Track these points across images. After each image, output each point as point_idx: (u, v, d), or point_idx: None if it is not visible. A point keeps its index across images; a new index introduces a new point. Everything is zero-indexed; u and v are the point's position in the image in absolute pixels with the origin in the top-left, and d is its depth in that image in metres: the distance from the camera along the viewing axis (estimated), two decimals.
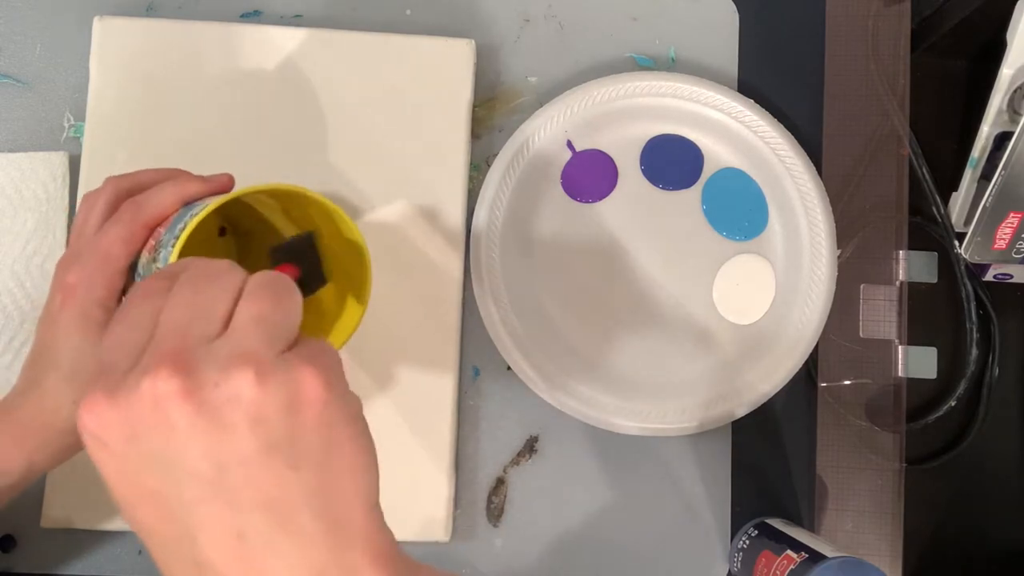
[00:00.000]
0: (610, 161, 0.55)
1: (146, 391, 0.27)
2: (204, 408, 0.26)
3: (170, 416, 0.26)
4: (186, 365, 0.27)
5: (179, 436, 0.26)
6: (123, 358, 0.28)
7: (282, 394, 0.27)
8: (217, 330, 0.28)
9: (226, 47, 0.54)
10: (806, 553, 0.46)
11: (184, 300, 0.29)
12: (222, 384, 0.27)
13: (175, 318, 0.28)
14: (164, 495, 0.27)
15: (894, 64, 0.56)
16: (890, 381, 0.55)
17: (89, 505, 0.51)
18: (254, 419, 0.27)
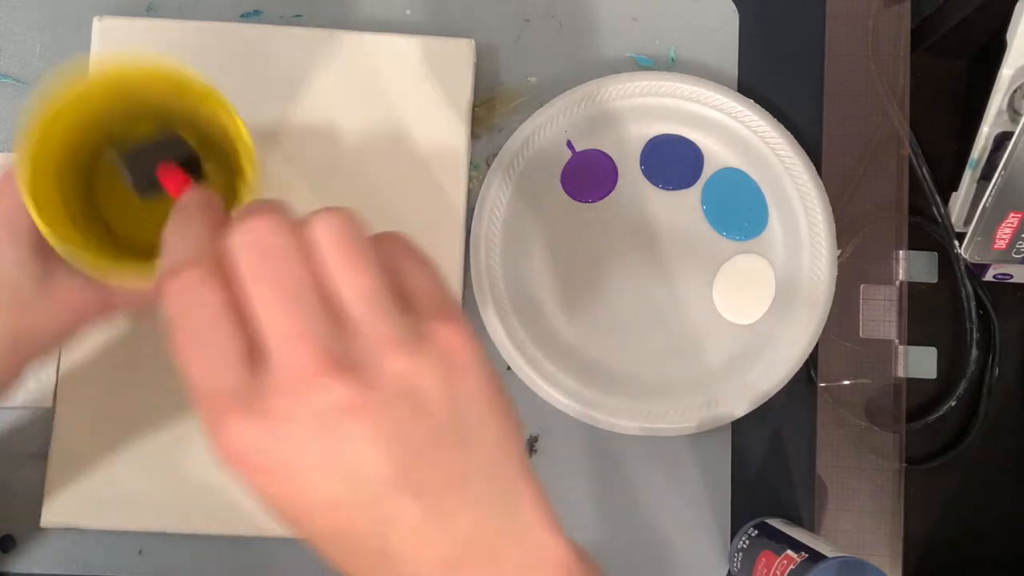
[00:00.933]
0: (610, 161, 0.55)
1: (300, 410, 0.25)
2: (369, 411, 0.25)
3: (337, 429, 0.25)
4: (333, 371, 0.25)
5: (351, 446, 0.25)
6: (229, 375, 0.26)
7: (438, 370, 0.26)
8: (333, 319, 0.26)
9: (226, 47, 0.54)
10: (806, 553, 0.46)
11: (273, 296, 0.26)
12: (378, 381, 0.26)
13: (277, 319, 0.26)
14: (344, 501, 0.26)
15: (894, 64, 0.56)
16: (890, 381, 0.55)
17: (89, 505, 0.51)
18: (420, 409, 0.26)
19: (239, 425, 0.26)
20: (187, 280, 0.27)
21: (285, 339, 0.26)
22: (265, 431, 0.26)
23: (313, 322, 0.26)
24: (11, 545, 0.52)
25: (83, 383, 0.52)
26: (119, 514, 0.51)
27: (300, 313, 0.26)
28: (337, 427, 0.25)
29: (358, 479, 0.26)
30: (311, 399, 0.25)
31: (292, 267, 0.27)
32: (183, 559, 0.52)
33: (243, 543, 0.52)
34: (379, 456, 0.26)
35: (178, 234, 0.30)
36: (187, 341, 0.27)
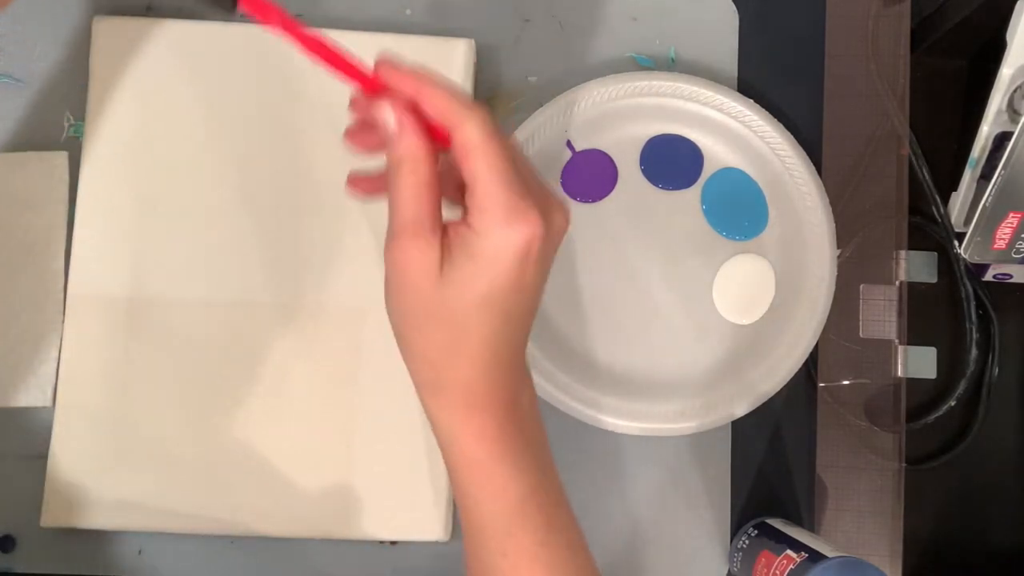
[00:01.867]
0: (610, 161, 0.55)
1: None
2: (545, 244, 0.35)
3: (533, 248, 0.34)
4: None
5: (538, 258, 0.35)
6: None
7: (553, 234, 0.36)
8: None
9: (226, 47, 0.54)
10: (806, 553, 0.46)
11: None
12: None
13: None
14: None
15: (894, 64, 0.56)
16: (890, 381, 0.55)
17: (89, 505, 0.51)
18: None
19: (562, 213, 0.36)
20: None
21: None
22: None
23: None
24: (11, 545, 0.52)
25: (83, 383, 0.52)
26: (119, 514, 0.51)
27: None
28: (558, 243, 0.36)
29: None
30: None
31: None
32: (183, 559, 0.52)
33: (243, 543, 0.52)
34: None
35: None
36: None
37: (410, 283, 0.34)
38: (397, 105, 0.34)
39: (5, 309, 0.53)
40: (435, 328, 0.35)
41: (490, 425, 0.36)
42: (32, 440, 0.52)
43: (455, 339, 0.35)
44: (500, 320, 0.34)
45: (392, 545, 0.53)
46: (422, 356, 0.36)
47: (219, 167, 0.54)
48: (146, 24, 0.54)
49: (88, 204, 0.53)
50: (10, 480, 0.52)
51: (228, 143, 0.54)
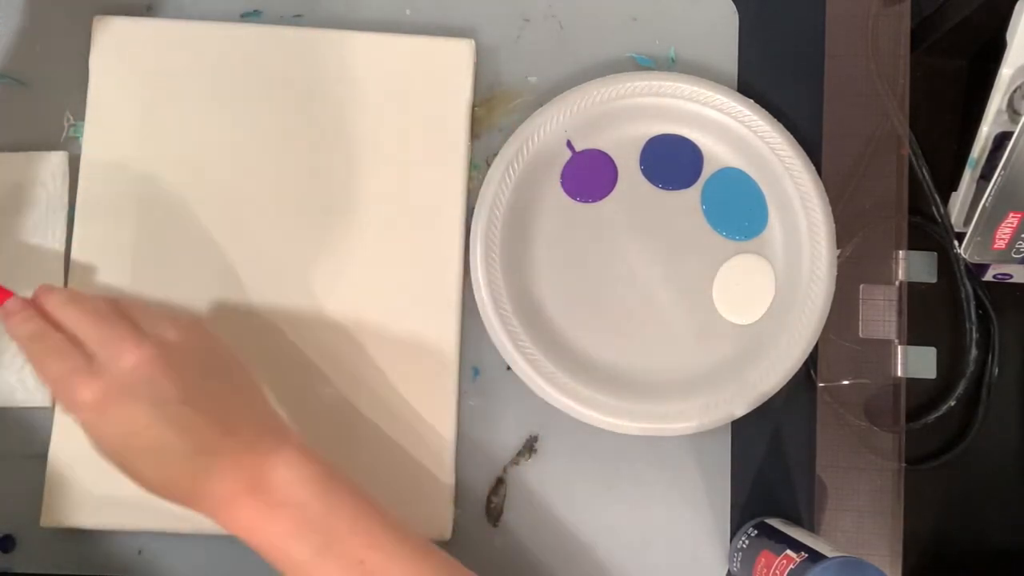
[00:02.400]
0: (610, 161, 0.55)
1: (117, 367, 0.43)
2: (158, 361, 0.44)
3: (143, 375, 0.43)
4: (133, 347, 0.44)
5: (155, 383, 0.43)
6: (72, 362, 0.44)
7: (181, 332, 0.46)
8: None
9: (226, 47, 0.54)
10: (806, 553, 0.46)
11: (81, 320, 0.46)
12: (160, 344, 0.44)
13: (89, 332, 0.45)
14: (152, 420, 0.43)
15: (894, 64, 0.56)
16: (890, 381, 0.55)
17: (89, 505, 0.51)
18: (185, 353, 0.45)
19: (86, 386, 0.42)
20: (24, 315, 0.45)
21: (98, 342, 0.43)
22: (101, 384, 0.42)
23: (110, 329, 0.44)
24: (11, 545, 0.52)
25: None
26: (119, 514, 0.51)
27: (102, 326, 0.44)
28: (143, 373, 0.42)
29: (160, 400, 0.42)
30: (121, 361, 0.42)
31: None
32: (183, 559, 0.52)
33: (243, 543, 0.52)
34: (170, 384, 0.42)
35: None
36: (41, 352, 0.44)
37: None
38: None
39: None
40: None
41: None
42: (32, 440, 0.52)
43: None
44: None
45: None
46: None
47: (219, 167, 0.54)
48: (146, 24, 0.54)
49: (88, 204, 0.53)
50: (10, 480, 0.52)
51: (228, 143, 0.54)
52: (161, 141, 0.54)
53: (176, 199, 0.53)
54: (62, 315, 0.44)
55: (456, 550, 0.53)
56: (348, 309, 0.53)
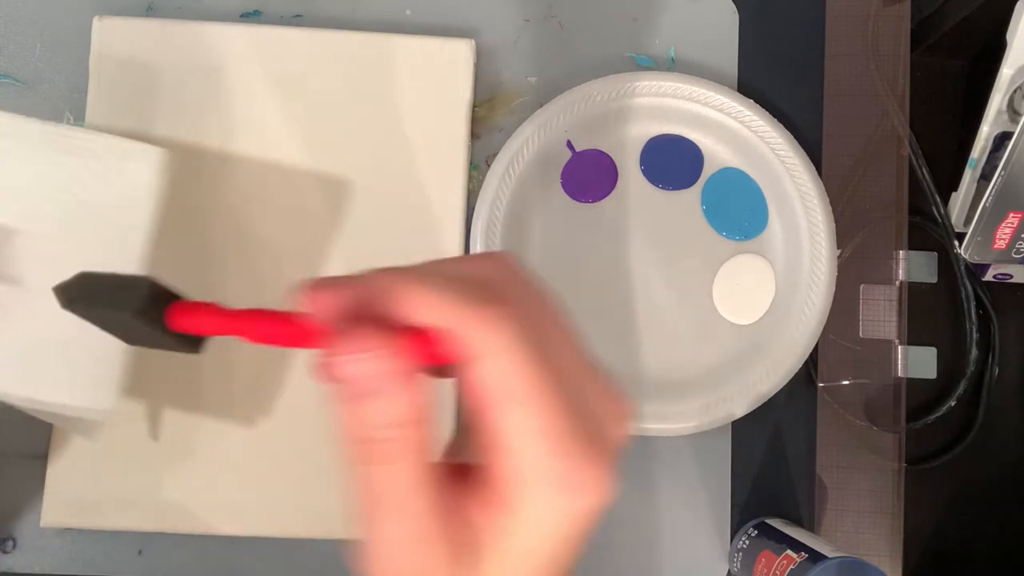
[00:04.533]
0: (610, 161, 0.55)
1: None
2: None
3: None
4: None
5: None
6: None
7: None
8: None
9: (226, 47, 0.54)
10: (806, 553, 0.46)
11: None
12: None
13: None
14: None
15: (894, 64, 0.56)
16: (890, 381, 0.55)
17: (89, 505, 0.51)
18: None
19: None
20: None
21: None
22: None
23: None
24: (11, 545, 0.52)
25: None
26: (119, 514, 0.51)
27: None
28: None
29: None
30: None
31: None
32: (183, 559, 0.52)
33: (243, 543, 0.52)
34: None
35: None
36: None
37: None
38: (362, 345, 0.22)
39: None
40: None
41: None
42: (32, 440, 0.52)
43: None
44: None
45: None
46: None
47: (218, 167, 0.54)
48: (146, 24, 0.54)
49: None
50: (10, 480, 0.52)
51: (228, 143, 0.54)
52: (160, 142, 0.53)
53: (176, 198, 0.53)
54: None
55: None
56: None
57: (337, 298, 0.23)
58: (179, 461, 0.51)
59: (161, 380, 0.52)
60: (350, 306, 0.23)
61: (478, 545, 0.22)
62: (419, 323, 0.22)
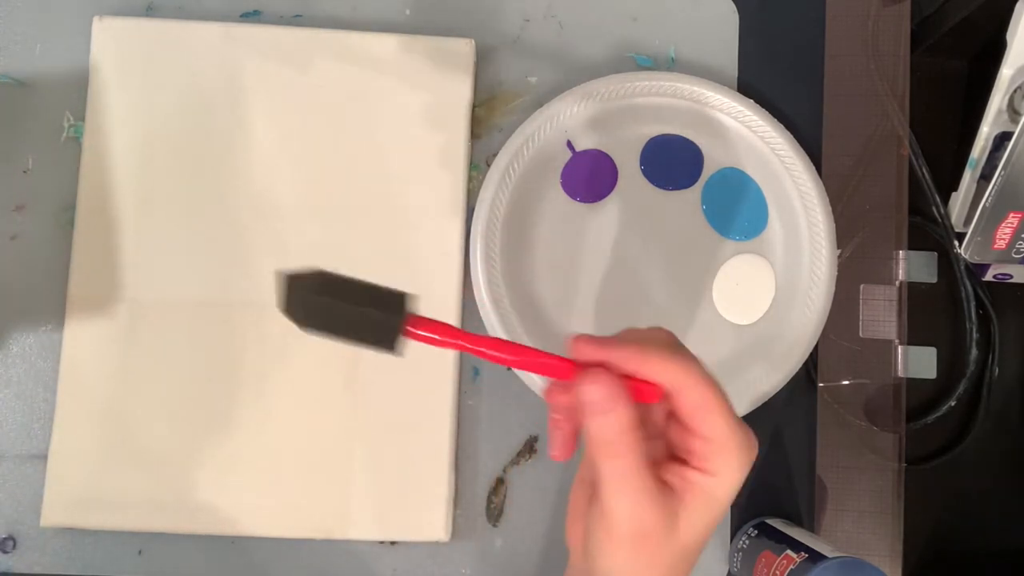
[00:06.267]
0: (610, 161, 0.55)
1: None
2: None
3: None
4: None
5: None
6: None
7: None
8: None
9: (226, 47, 0.54)
10: (806, 553, 0.46)
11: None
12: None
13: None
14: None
15: (894, 64, 0.56)
16: (890, 381, 0.55)
17: (89, 505, 0.51)
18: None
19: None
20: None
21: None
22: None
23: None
24: (11, 545, 0.52)
25: (83, 383, 0.52)
26: (119, 514, 0.51)
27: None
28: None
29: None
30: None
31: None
32: (183, 559, 0.52)
33: (243, 543, 0.52)
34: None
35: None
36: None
37: (651, 541, 0.33)
38: (609, 380, 0.33)
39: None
40: (672, 570, 0.34)
41: None
42: (32, 440, 0.52)
43: (685, 571, 0.35)
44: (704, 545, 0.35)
45: (392, 545, 0.53)
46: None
47: (218, 166, 0.54)
48: (146, 24, 0.54)
49: (88, 204, 0.53)
50: (10, 480, 0.52)
51: (227, 143, 0.54)
52: (161, 141, 0.54)
53: (176, 199, 0.53)
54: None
55: (456, 550, 0.53)
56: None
57: (597, 352, 0.34)
58: (179, 461, 0.51)
59: (161, 382, 0.52)
60: (599, 357, 0.34)
61: (676, 504, 0.33)
62: (652, 379, 0.34)
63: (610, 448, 0.32)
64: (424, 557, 0.53)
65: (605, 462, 0.33)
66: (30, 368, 0.53)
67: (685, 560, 0.34)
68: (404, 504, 0.51)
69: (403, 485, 0.52)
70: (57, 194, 0.54)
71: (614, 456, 0.32)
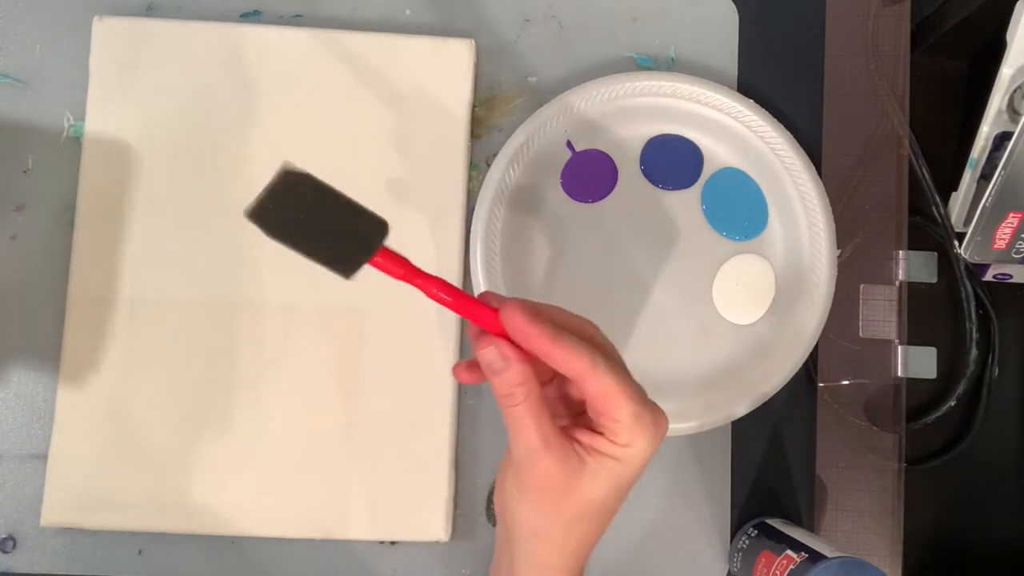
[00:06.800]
0: (610, 161, 0.55)
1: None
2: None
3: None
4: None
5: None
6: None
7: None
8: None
9: (226, 47, 0.54)
10: (806, 553, 0.46)
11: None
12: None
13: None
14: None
15: (894, 64, 0.56)
16: (890, 381, 0.55)
17: (89, 505, 0.51)
18: None
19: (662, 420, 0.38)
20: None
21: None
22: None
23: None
24: (11, 545, 0.52)
25: (83, 383, 0.52)
26: (119, 514, 0.51)
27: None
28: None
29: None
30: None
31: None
32: (183, 559, 0.52)
33: (242, 543, 0.52)
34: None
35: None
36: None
37: (551, 491, 0.37)
38: (502, 345, 0.37)
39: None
40: (573, 525, 0.38)
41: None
42: (32, 440, 0.52)
43: (589, 531, 0.38)
44: (612, 514, 0.39)
45: (392, 545, 0.53)
46: (554, 546, 0.38)
47: (218, 166, 0.54)
48: (146, 24, 0.54)
49: (88, 204, 0.53)
50: (10, 480, 0.52)
51: (228, 143, 0.54)
52: (161, 141, 0.54)
53: (176, 199, 0.53)
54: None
55: (456, 550, 0.53)
56: (348, 310, 0.53)
57: (521, 322, 0.36)
58: (179, 461, 0.51)
59: (161, 382, 0.52)
60: (520, 328, 0.36)
61: (584, 458, 0.36)
62: (557, 367, 0.36)
63: (508, 399, 0.36)
64: (424, 557, 0.53)
65: (506, 411, 0.37)
66: (30, 368, 0.53)
67: (591, 519, 0.37)
68: (404, 504, 0.51)
69: (403, 485, 0.52)
70: (57, 194, 0.54)
71: (512, 405, 0.36)
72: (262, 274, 0.53)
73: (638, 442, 0.36)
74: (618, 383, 0.36)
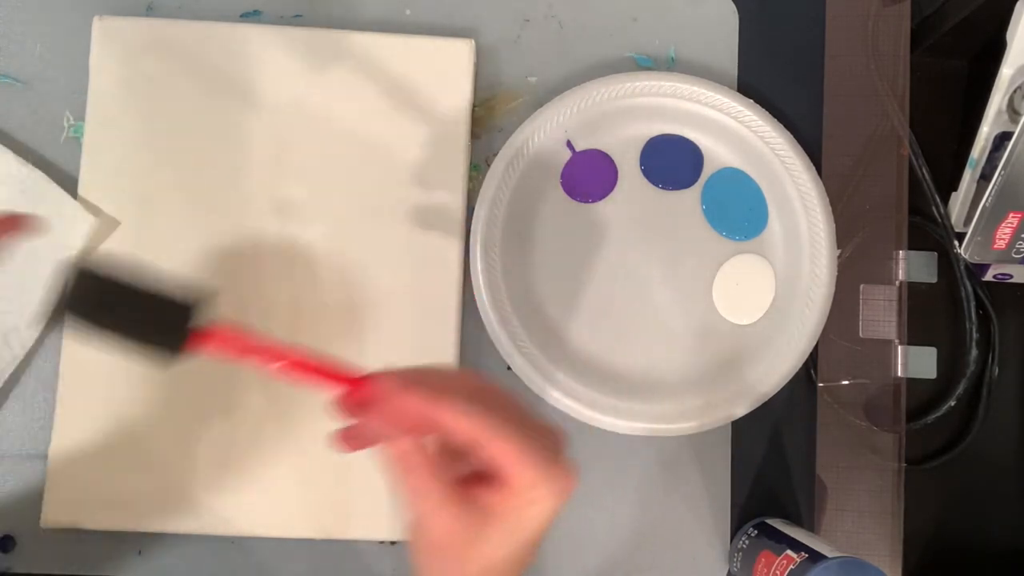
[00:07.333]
0: (610, 161, 0.55)
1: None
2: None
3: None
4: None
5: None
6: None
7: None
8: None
9: (226, 47, 0.54)
10: (806, 553, 0.46)
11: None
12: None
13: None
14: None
15: (894, 64, 0.56)
16: (890, 381, 0.55)
17: (89, 505, 0.51)
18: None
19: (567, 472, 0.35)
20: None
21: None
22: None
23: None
24: (11, 545, 0.52)
25: (83, 383, 0.52)
26: (119, 514, 0.51)
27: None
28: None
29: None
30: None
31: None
32: (183, 559, 0.52)
33: (242, 543, 0.52)
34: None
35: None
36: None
37: (453, 549, 0.35)
38: (379, 419, 0.35)
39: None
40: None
41: None
42: (32, 440, 0.52)
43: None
44: (524, 566, 0.36)
45: (392, 545, 0.53)
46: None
47: (219, 166, 0.54)
48: (146, 24, 0.54)
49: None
50: (10, 480, 0.52)
51: (228, 143, 0.54)
52: (161, 141, 0.54)
53: (177, 198, 0.53)
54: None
55: None
56: (348, 308, 0.53)
57: (397, 394, 0.35)
58: (179, 461, 0.51)
59: (161, 382, 0.52)
60: (398, 400, 0.35)
61: (484, 515, 0.34)
62: (444, 432, 0.35)
63: (400, 465, 0.35)
64: None
65: (400, 478, 0.35)
66: (30, 368, 0.53)
67: (500, 574, 0.35)
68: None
69: None
70: None
71: (406, 472, 0.35)
72: (261, 273, 0.53)
73: (543, 501, 0.34)
74: (517, 447, 0.33)
